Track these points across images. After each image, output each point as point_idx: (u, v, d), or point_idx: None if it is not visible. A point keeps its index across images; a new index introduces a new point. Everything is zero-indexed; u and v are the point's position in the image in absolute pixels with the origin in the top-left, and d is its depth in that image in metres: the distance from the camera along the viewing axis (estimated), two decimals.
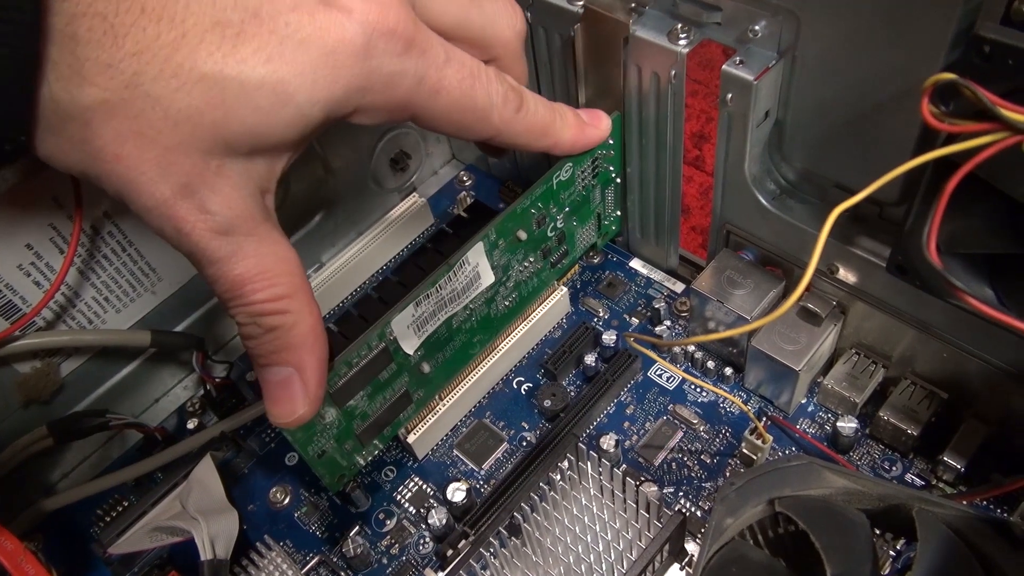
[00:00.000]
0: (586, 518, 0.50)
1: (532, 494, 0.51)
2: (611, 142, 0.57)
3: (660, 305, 0.64)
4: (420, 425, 0.59)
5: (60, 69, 0.31)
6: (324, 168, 0.69)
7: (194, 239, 0.36)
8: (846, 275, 0.53)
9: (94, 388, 0.62)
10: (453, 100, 0.41)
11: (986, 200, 0.39)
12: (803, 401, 0.59)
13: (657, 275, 0.68)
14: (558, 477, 0.51)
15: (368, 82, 0.37)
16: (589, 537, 0.50)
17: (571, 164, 0.55)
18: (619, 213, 0.65)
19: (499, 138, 0.46)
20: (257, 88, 0.34)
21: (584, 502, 0.51)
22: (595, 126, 0.53)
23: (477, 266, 0.53)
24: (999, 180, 0.37)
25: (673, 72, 0.50)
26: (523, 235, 0.55)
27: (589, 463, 0.51)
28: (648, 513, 0.48)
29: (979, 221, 0.40)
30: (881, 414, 0.54)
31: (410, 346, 0.52)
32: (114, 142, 0.33)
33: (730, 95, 0.48)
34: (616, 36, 0.52)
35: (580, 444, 0.52)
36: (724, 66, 0.47)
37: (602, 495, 0.51)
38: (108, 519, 0.59)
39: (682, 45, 0.49)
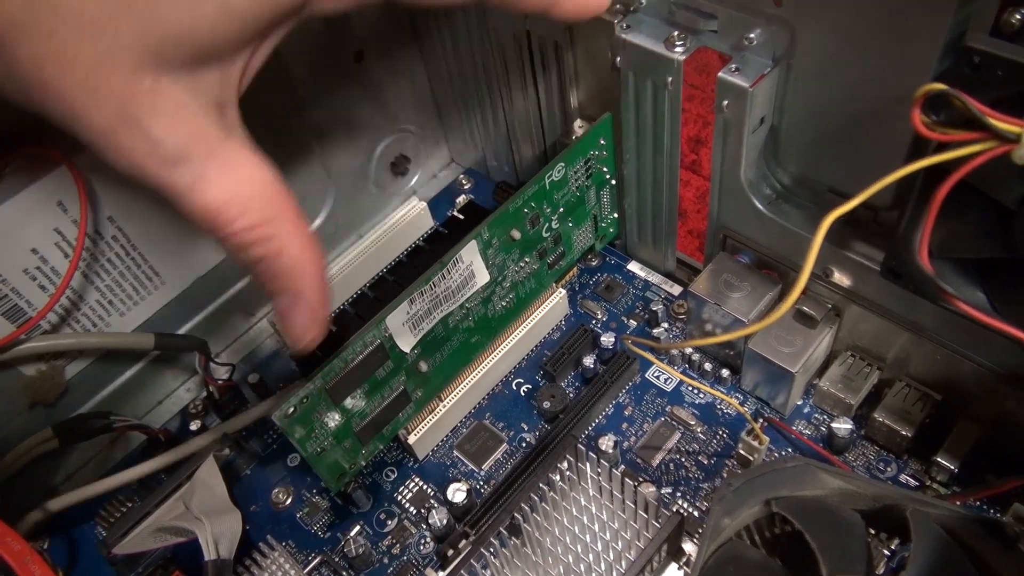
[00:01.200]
0: (585, 518, 0.51)
1: (532, 494, 0.52)
2: (603, 143, 0.58)
3: (658, 308, 0.65)
4: (420, 426, 0.60)
5: None
6: (324, 171, 0.70)
7: (149, 173, 0.33)
8: (841, 278, 0.54)
9: (98, 390, 0.62)
10: None
11: (977, 206, 0.39)
12: (799, 403, 0.60)
13: (655, 278, 0.69)
14: (557, 478, 0.52)
15: None
16: (588, 537, 0.50)
17: (563, 164, 0.56)
18: (616, 215, 0.66)
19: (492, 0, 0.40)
20: None
21: (583, 502, 0.51)
22: None
23: (471, 265, 0.54)
24: (989, 187, 0.38)
25: (670, 79, 0.51)
26: (517, 234, 0.56)
27: (588, 464, 0.51)
28: (646, 513, 0.49)
29: (970, 226, 0.41)
30: (876, 415, 0.55)
31: (406, 344, 0.53)
32: (34, 68, 0.30)
33: (726, 102, 0.49)
34: (606, 39, 0.53)
35: (579, 445, 0.53)
36: (720, 73, 0.48)
37: (601, 495, 0.51)
38: (112, 520, 0.60)
39: (678, 52, 0.50)
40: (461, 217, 0.59)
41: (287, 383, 0.65)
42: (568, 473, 0.52)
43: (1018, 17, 0.34)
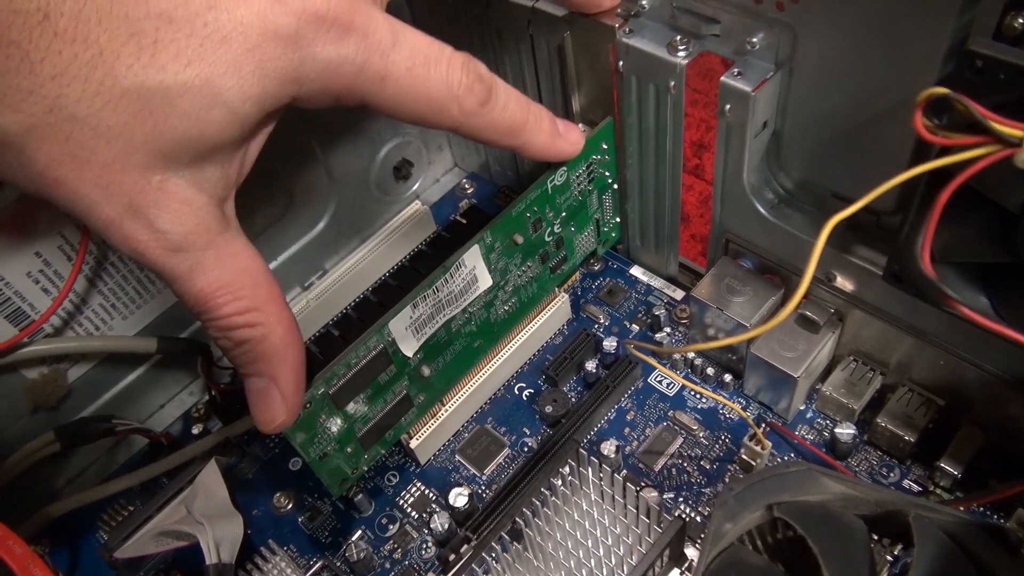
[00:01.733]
0: (587, 523, 0.51)
1: (534, 499, 0.52)
2: (605, 147, 0.58)
3: (660, 312, 0.65)
4: (422, 430, 0.60)
5: None
6: (327, 176, 0.70)
7: (150, 258, 0.36)
8: (843, 283, 0.54)
9: (101, 394, 0.62)
10: (402, 88, 0.39)
11: (979, 210, 0.39)
12: (802, 407, 0.60)
13: (657, 282, 0.69)
14: (559, 482, 0.51)
15: (300, 73, 0.36)
16: (590, 542, 0.50)
17: (565, 169, 0.56)
18: (618, 220, 0.66)
19: (463, 131, 0.44)
20: (181, 94, 0.33)
21: (585, 507, 0.51)
22: (567, 140, 0.51)
23: (474, 269, 0.54)
24: (991, 191, 0.38)
25: (672, 83, 0.51)
26: (520, 239, 0.56)
27: (590, 469, 0.51)
28: (648, 518, 0.49)
29: (972, 231, 0.41)
30: (879, 421, 0.55)
31: (409, 348, 0.53)
32: (50, 167, 0.33)
33: (728, 106, 0.49)
34: (605, 43, 0.53)
35: (581, 450, 0.53)
36: (722, 77, 0.48)
37: (603, 500, 0.51)
38: (114, 524, 0.60)
39: (681, 57, 0.50)
40: (464, 221, 0.59)
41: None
42: (570, 478, 0.52)
43: (1021, 21, 0.34)
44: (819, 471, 0.43)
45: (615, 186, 0.63)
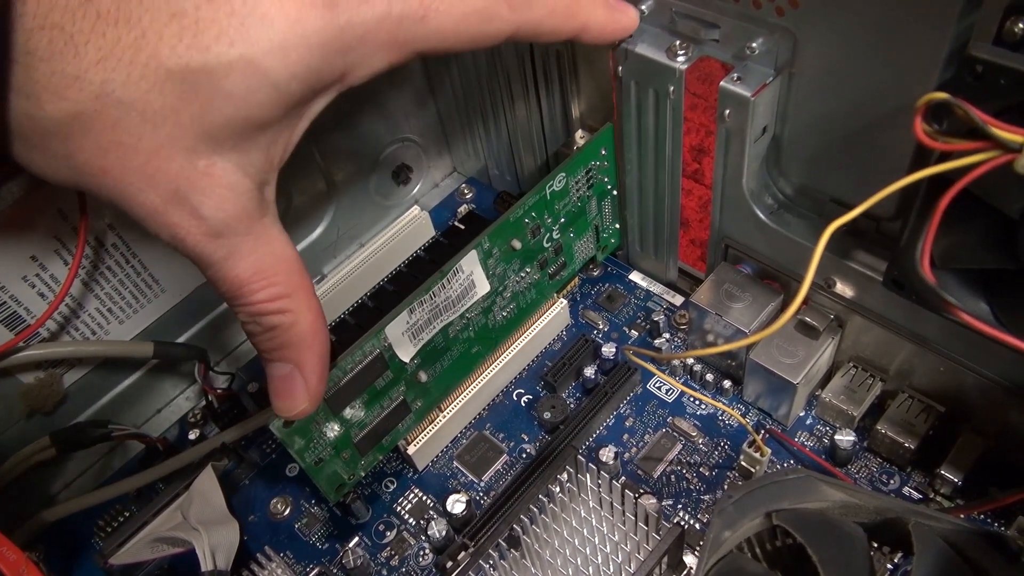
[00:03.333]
0: (585, 530, 0.51)
1: (531, 506, 0.51)
2: (604, 153, 0.58)
3: (659, 318, 0.64)
4: (420, 436, 0.59)
5: (28, 87, 0.31)
6: (326, 181, 0.70)
7: (189, 244, 0.35)
8: (843, 289, 0.54)
9: (97, 399, 0.62)
10: (445, 15, 0.38)
11: (980, 216, 0.39)
12: (801, 414, 0.59)
13: (656, 288, 0.69)
14: (557, 489, 0.51)
15: (344, 42, 0.35)
16: (588, 549, 0.50)
17: (564, 174, 0.56)
18: (617, 226, 0.66)
19: (522, 32, 0.42)
20: (226, 74, 0.32)
21: (583, 514, 0.51)
22: (624, 13, 0.48)
23: (471, 274, 0.53)
24: (992, 196, 0.37)
25: (672, 88, 0.51)
26: (518, 244, 0.56)
27: (588, 475, 0.51)
28: (647, 526, 0.49)
29: (973, 237, 0.41)
30: (879, 427, 0.54)
31: (406, 354, 0.52)
32: (96, 155, 0.32)
33: (728, 111, 0.49)
34: (605, 50, 0.53)
35: (579, 456, 0.52)
36: (722, 82, 0.48)
37: (601, 507, 0.51)
38: (109, 530, 0.60)
39: (680, 61, 0.49)
40: (462, 227, 0.58)
41: None
42: (568, 484, 0.51)
43: (1021, 26, 0.34)
44: (818, 478, 0.43)
45: (614, 192, 0.62)
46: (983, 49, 0.34)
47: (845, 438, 0.55)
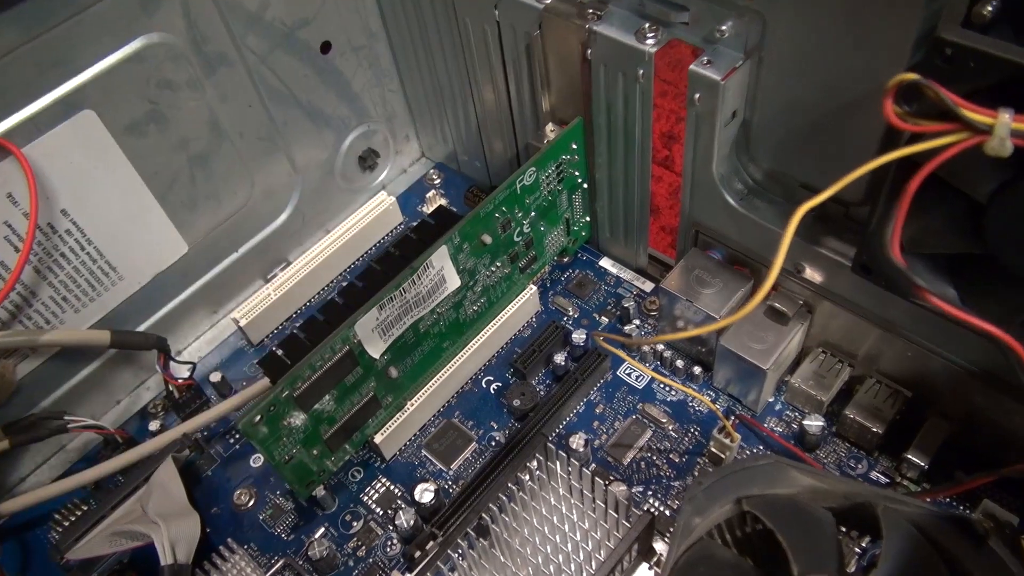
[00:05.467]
0: (555, 518, 0.50)
1: (501, 494, 0.51)
2: (575, 147, 0.57)
3: (629, 304, 0.64)
4: (388, 425, 0.58)
5: None
6: (290, 165, 0.68)
7: None
8: (812, 274, 0.53)
9: (53, 389, 0.60)
10: None
11: (948, 201, 0.39)
12: (771, 400, 0.59)
13: (627, 274, 0.68)
14: (527, 477, 0.51)
15: None
16: (558, 537, 0.50)
17: (534, 169, 0.55)
18: (588, 219, 0.65)
19: None
20: None
21: (553, 502, 0.50)
22: None
23: (442, 270, 0.53)
24: (960, 180, 0.37)
25: (641, 71, 0.50)
26: (488, 239, 0.55)
27: (558, 463, 0.50)
28: (617, 513, 0.48)
29: (941, 221, 0.41)
30: (847, 412, 0.55)
31: (376, 350, 0.51)
32: None
33: (698, 95, 0.48)
34: (575, 38, 0.52)
35: (549, 444, 0.52)
36: (691, 66, 0.47)
37: (571, 495, 0.50)
38: (67, 523, 0.58)
39: (650, 44, 0.49)
40: (432, 222, 0.57)
41: (251, 382, 0.64)
42: (538, 472, 0.51)
43: (989, 8, 0.34)
44: (788, 464, 0.43)
45: (585, 185, 0.62)
46: (952, 31, 0.34)
47: (814, 423, 0.55)
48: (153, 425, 0.62)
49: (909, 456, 0.53)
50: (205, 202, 0.64)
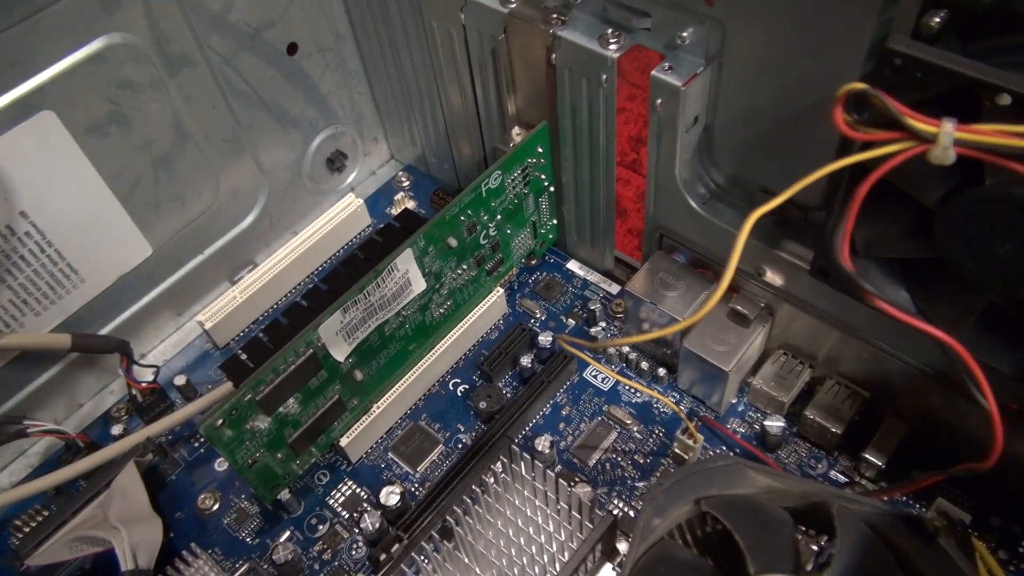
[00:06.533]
0: (519, 520, 0.50)
1: (465, 497, 0.51)
2: (540, 150, 0.58)
3: (596, 307, 0.64)
4: (354, 428, 0.58)
5: None
6: (256, 166, 0.68)
7: None
8: (773, 277, 0.54)
9: (14, 393, 0.59)
10: None
11: (900, 206, 0.40)
12: (733, 401, 0.60)
13: (594, 276, 0.69)
14: (491, 480, 0.51)
15: None
16: (522, 539, 0.50)
17: (500, 172, 0.55)
18: (555, 221, 0.66)
19: None
20: None
21: (517, 504, 0.51)
22: None
23: (407, 273, 0.53)
24: (910, 187, 0.38)
25: (604, 76, 0.51)
26: (454, 242, 0.55)
27: (523, 465, 0.51)
28: (580, 514, 0.49)
29: (893, 227, 0.42)
30: (807, 413, 0.56)
31: (340, 353, 0.51)
32: None
33: (660, 100, 0.49)
34: (540, 43, 0.52)
35: (513, 446, 0.52)
36: (653, 72, 0.48)
37: (535, 497, 0.51)
38: (27, 530, 0.57)
39: (612, 50, 0.49)
40: (397, 225, 0.57)
41: (216, 385, 0.63)
42: (502, 475, 0.51)
43: (937, 20, 0.35)
44: (746, 465, 0.44)
45: (551, 188, 0.62)
46: (901, 42, 0.35)
47: (775, 424, 0.56)
48: (116, 429, 0.62)
49: (867, 456, 0.54)
50: (169, 204, 0.63)
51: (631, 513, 0.55)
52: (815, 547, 0.49)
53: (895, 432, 0.54)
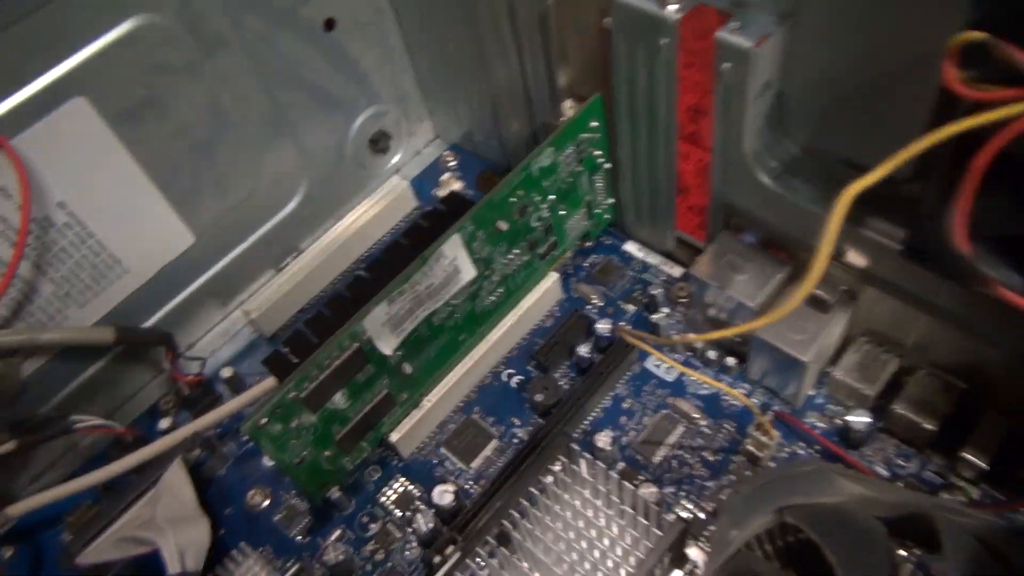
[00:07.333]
0: (581, 524, 0.47)
1: (522, 499, 0.48)
2: (595, 125, 0.54)
3: (657, 291, 0.60)
4: (404, 423, 0.56)
5: None
6: (297, 151, 0.65)
7: None
8: (855, 258, 0.49)
9: (60, 388, 0.58)
10: None
11: (1015, 175, 0.35)
12: (812, 393, 0.55)
13: (654, 259, 0.64)
14: (550, 480, 0.48)
15: None
16: (584, 545, 0.46)
17: (552, 148, 0.51)
18: (612, 201, 0.61)
19: None
20: None
21: (578, 506, 0.47)
22: None
23: (455, 260, 0.49)
24: None
25: (663, 41, 0.46)
26: (504, 226, 0.51)
27: (584, 463, 0.47)
28: (647, 519, 0.45)
29: (1008, 199, 0.36)
30: (895, 407, 0.51)
31: (388, 346, 0.48)
32: None
33: (726, 64, 0.44)
34: (593, 7, 0.48)
35: (572, 445, 0.49)
36: (718, 32, 0.43)
37: (597, 499, 0.47)
38: (77, 527, 0.56)
39: (672, 11, 0.44)
40: (444, 208, 0.54)
41: (265, 376, 0.61)
42: (562, 475, 0.48)
43: None
44: (834, 470, 0.39)
45: (607, 166, 0.58)
46: None
47: (858, 419, 0.51)
48: (164, 423, 0.60)
49: (965, 455, 0.48)
50: (210, 191, 0.61)
51: (701, 515, 0.51)
52: (911, 560, 0.44)
53: (997, 428, 0.49)
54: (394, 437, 0.55)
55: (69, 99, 0.49)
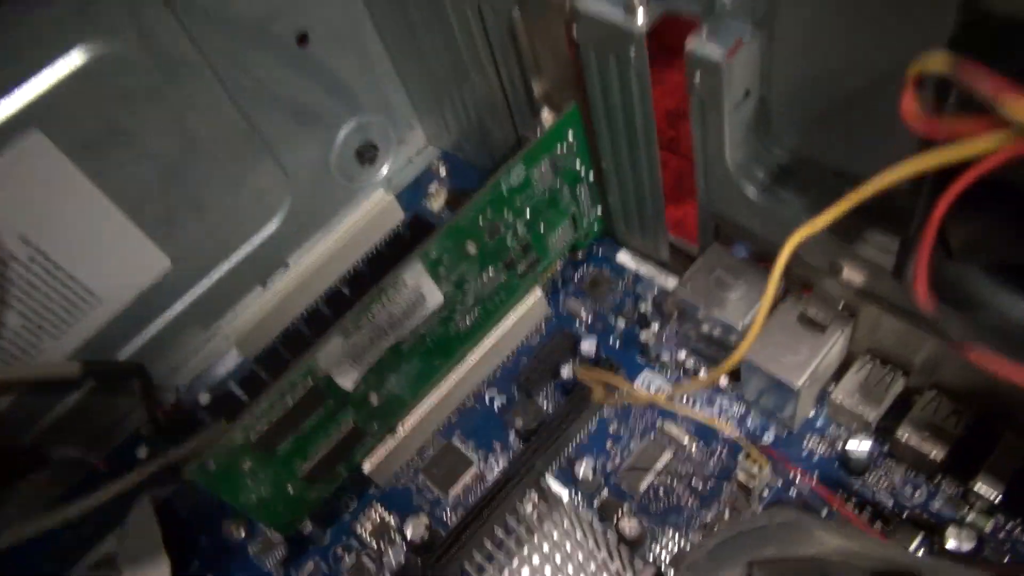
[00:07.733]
0: (557, 558, 0.44)
1: (490, 539, 0.45)
2: (571, 135, 0.50)
3: (646, 307, 0.57)
4: (378, 451, 0.53)
5: None
6: (279, 169, 0.63)
7: None
8: (851, 275, 0.45)
9: (35, 421, 0.57)
10: None
11: (1010, 194, 0.30)
12: (811, 415, 0.51)
13: (646, 269, 0.61)
14: (528, 510, 0.45)
15: None
16: None
17: (523, 166, 0.48)
18: (600, 212, 0.58)
19: None
20: None
21: (556, 538, 0.45)
22: None
23: (419, 287, 0.47)
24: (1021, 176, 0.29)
25: (633, 51, 0.42)
26: (473, 248, 0.49)
27: (558, 505, 0.45)
28: (622, 560, 0.42)
29: (1002, 221, 0.32)
30: (899, 433, 0.47)
31: (347, 381, 0.46)
32: None
33: (698, 76, 0.40)
34: (558, 18, 0.45)
35: (545, 481, 0.46)
36: (687, 44, 0.39)
37: (575, 533, 0.44)
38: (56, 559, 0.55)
39: (639, 21, 0.41)
40: (406, 234, 0.51)
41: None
42: (540, 506, 0.45)
43: None
44: (811, 521, 0.36)
45: (590, 177, 0.54)
46: None
47: (858, 448, 0.47)
48: (142, 452, 0.59)
49: (978, 483, 0.45)
50: (185, 213, 0.59)
51: (687, 547, 0.48)
52: None
53: (1013, 454, 0.45)
54: (366, 468, 0.53)
55: (25, 134, 0.48)
